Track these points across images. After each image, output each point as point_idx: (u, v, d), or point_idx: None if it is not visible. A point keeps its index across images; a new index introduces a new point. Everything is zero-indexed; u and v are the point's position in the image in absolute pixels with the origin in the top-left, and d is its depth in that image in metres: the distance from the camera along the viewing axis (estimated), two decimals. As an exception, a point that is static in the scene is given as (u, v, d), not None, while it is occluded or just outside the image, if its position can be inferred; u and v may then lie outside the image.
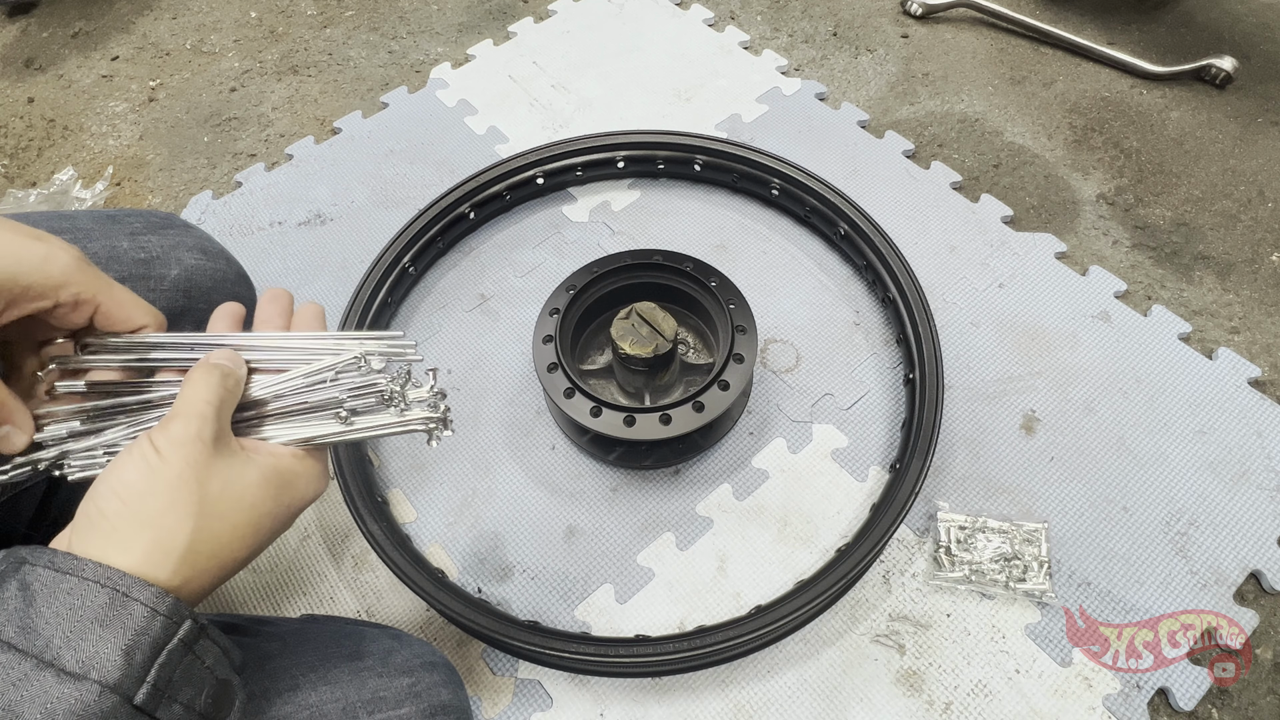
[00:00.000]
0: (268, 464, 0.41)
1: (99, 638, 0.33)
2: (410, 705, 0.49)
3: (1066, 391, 0.83)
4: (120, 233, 0.70)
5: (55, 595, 0.33)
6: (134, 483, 0.37)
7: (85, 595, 0.33)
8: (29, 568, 0.34)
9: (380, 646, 0.53)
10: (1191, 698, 0.66)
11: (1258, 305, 0.90)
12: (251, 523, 0.39)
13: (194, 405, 0.39)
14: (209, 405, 0.39)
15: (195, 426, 0.38)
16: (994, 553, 0.72)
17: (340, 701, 0.47)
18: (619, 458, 0.79)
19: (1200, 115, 1.08)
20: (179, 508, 0.36)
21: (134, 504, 0.36)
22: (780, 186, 0.95)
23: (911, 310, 0.82)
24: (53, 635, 0.32)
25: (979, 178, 1.03)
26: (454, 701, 0.53)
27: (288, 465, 0.42)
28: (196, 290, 0.71)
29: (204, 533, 0.37)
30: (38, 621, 0.32)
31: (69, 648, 0.32)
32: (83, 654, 0.32)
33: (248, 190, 1.06)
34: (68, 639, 0.32)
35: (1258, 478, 0.77)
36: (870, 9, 1.25)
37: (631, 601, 0.73)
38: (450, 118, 1.11)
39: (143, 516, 0.36)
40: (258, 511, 0.39)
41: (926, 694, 0.67)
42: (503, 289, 0.94)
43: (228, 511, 0.38)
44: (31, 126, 1.18)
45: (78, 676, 0.32)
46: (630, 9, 1.24)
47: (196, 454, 0.37)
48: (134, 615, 0.33)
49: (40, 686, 0.31)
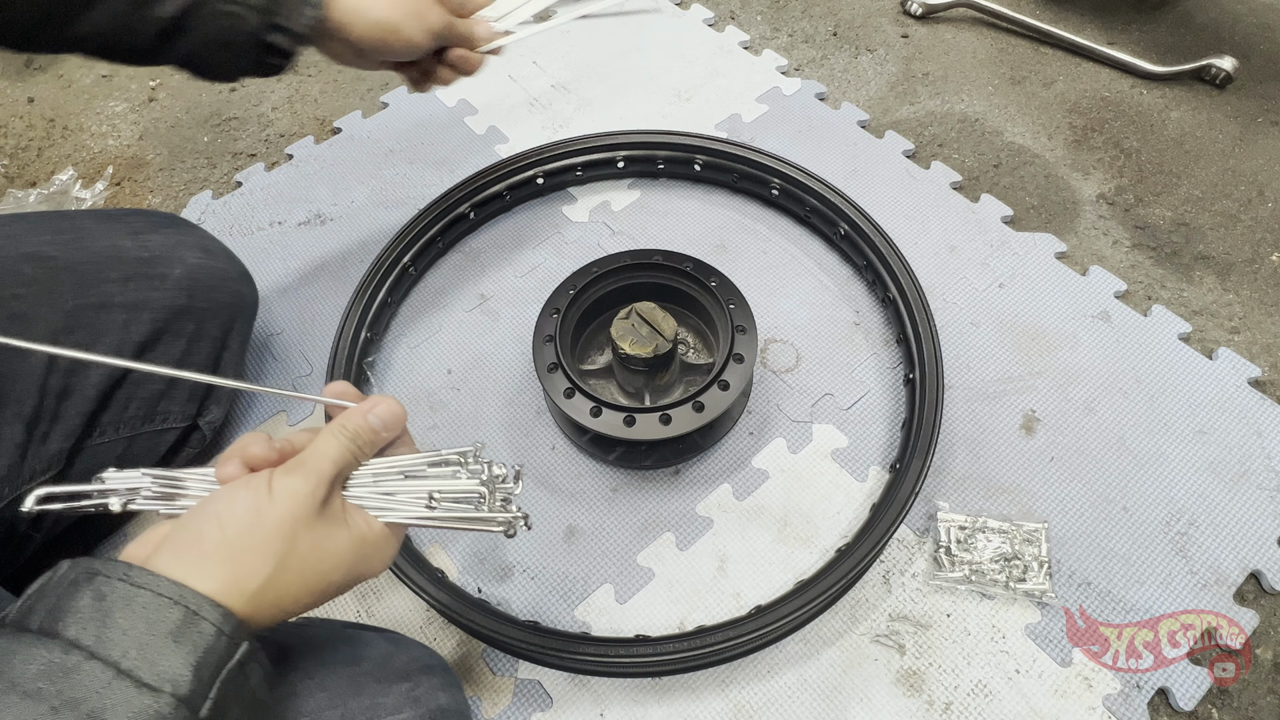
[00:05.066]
0: (359, 535, 0.42)
1: (172, 653, 0.34)
2: (409, 710, 0.49)
3: (1066, 391, 0.83)
4: (122, 232, 0.70)
5: (131, 608, 0.34)
6: (240, 516, 0.38)
7: (160, 611, 0.35)
8: (103, 579, 0.35)
9: (377, 651, 0.53)
10: (1191, 698, 0.66)
11: (1258, 305, 0.90)
12: (319, 586, 0.41)
13: (318, 462, 0.41)
14: (332, 465, 0.42)
15: (312, 483, 0.40)
16: (994, 553, 0.72)
17: (338, 709, 0.46)
18: (619, 458, 0.79)
19: (1200, 115, 1.08)
20: (267, 553, 0.38)
21: (232, 536, 0.38)
22: (780, 186, 0.95)
23: (911, 310, 0.82)
24: (128, 647, 0.33)
25: (979, 178, 1.03)
26: (452, 705, 0.53)
27: (373, 539, 0.43)
28: (199, 289, 0.72)
29: (276, 583, 0.39)
30: (113, 632, 0.34)
31: (144, 660, 0.33)
32: (158, 667, 0.33)
33: (248, 190, 1.06)
34: (142, 652, 0.33)
35: (1258, 478, 0.77)
36: (870, 9, 1.25)
37: (631, 601, 0.73)
38: (450, 118, 1.11)
39: (234, 550, 0.38)
40: (329, 578, 0.41)
41: (926, 694, 0.67)
42: (503, 289, 0.94)
43: (305, 569, 0.40)
44: (31, 126, 1.18)
45: (154, 689, 0.33)
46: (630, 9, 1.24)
47: (303, 509, 0.40)
48: (204, 633, 0.35)
49: (122, 695, 0.32)
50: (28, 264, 0.63)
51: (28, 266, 0.62)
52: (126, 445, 0.69)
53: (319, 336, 0.91)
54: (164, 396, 0.70)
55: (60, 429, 0.62)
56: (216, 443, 0.82)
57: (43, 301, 0.62)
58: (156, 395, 0.70)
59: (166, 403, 0.71)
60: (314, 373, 0.88)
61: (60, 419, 0.62)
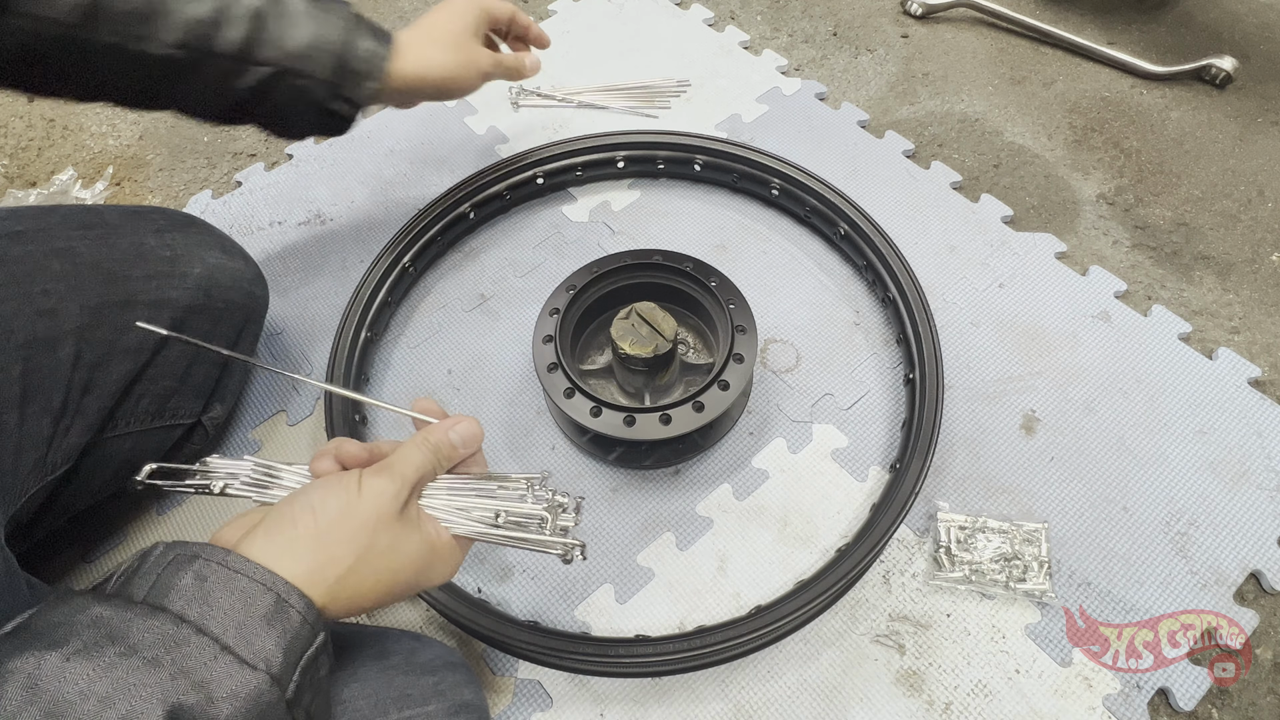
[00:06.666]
0: (430, 541, 0.45)
1: (266, 634, 0.36)
2: (436, 703, 0.50)
3: (1066, 391, 0.83)
4: (146, 229, 0.71)
5: (230, 591, 0.37)
6: (333, 508, 0.42)
7: (254, 595, 0.37)
8: (203, 562, 0.37)
9: (404, 646, 0.54)
10: (1191, 698, 0.66)
11: (1258, 305, 0.90)
12: (390, 583, 0.43)
13: (403, 468, 0.45)
14: (415, 472, 0.45)
15: (396, 486, 0.44)
16: (994, 553, 0.72)
17: (370, 698, 0.48)
18: (619, 458, 0.79)
19: (1200, 115, 1.08)
20: (352, 545, 0.41)
21: (324, 525, 0.41)
22: (780, 186, 0.95)
23: (911, 310, 0.82)
24: (228, 625, 0.36)
25: (979, 178, 1.03)
26: (475, 700, 0.54)
27: (442, 547, 0.46)
28: (216, 288, 0.73)
29: (355, 575, 0.41)
30: (216, 611, 0.36)
31: (241, 639, 0.36)
32: (254, 646, 0.36)
33: (247, 190, 1.06)
34: (240, 631, 0.36)
35: (1258, 478, 0.77)
36: (870, 9, 1.25)
37: (631, 601, 0.73)
38: (450, 118, 1.11)
39: (324, 539, 0.41)
40: (399, 578, 0.44)
41: (926, 694, 0.67)
42: (503, 289, 0.94)
43: (380, 566, 0.42)
44: (31, 126, 1.18)
45: (252, 665, 0.35)
46: (630, 9, 1.24)
47: (386, 508, 0.43)
48: (291, 620, 0.37)
49: (225, 669, 0.34)
50: (56, 259, 0.64)
51: (56, 262, 0.63)
52: (137, 440, 0.69)
53: (319, 336, 0.91)
54: (175, 393, 0.71)
55: (81, 423, 0.63)
56: (218, 439, 0.82)
57: (70, 297, 0.63)
58: (168, 392, 0.71)
59: (177, 399, 0.72)
60: (314, 372, 0.88)
61: (82, 413, 0.63)
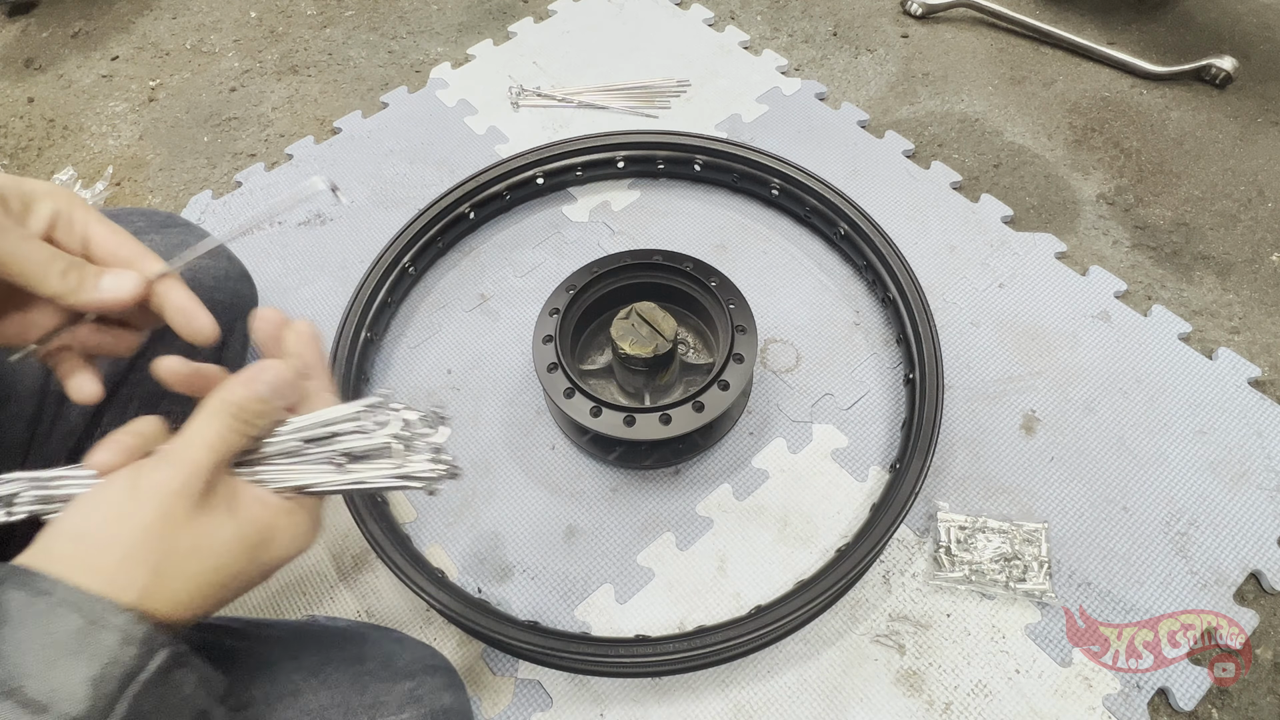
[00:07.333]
0: (249, 519, 0.38)
1: (68, 667, 0.31)
2: (411, 710, 0.49)
3: (1066, 391, 0.83)
4: None
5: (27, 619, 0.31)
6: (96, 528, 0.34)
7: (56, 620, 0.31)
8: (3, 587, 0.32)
9: (381, 650, 0.53)
10: (1191, 698, 0.66)
11: (1258, 305, 0.90)
12: (217, 581, 0.36)
13: (191, 451, 0.36)
14: (209, 453, 0.36)
15: (183, 477, 0.35)
16: (994, 553, 0.72)
17: (342, 707, 0.47)
18: (619, 458, 0.79)
19: (1200, 115, 1.08)
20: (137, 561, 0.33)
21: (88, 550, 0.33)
22: (780, 186, 0.95)
23: (911, 310, 0.82)
24: (21, 661, 0.31)
25: (979, 178, 1.03)
26: (455, 705, 0.53)
27: (270, 521, 0.38)
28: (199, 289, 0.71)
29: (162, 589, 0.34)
30: (6, 646, 0.31)
31: (38, 676, 0.30)
32: (51, 683, 0.30)
33: (248, 190, 1.06)
34: (38, 666, 0.31)
35: (1258, 478, 0.77)
36: (870, 9, 1.25)
37: (631, 601, 0.73)
38: (450, 118, 1.11)
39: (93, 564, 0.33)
40: (226, 572, 0.36)
41: (926, 694, 0.67)
42: (503, 289, 0.94)
43: (192, 569, 0.35)
44: (31, 126, 1.18)
45: (39, 707, 0.30)
46: (630, 9, 1.24)
47: (174, 507, 0.34)
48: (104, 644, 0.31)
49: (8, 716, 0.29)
50: None
51: None
52: None
53: (319, 336, 0.91)
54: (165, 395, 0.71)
55: (61, 428, 0.62)
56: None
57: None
58: (158, 394, 0.70)
59: (168, 403, 0.71)
60: (314, 373, 0.88)
61: (61, 418, 0.62)
